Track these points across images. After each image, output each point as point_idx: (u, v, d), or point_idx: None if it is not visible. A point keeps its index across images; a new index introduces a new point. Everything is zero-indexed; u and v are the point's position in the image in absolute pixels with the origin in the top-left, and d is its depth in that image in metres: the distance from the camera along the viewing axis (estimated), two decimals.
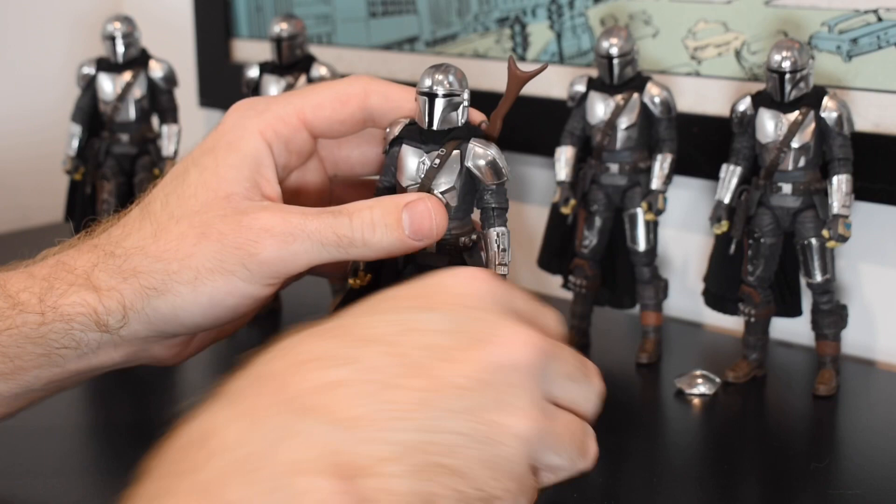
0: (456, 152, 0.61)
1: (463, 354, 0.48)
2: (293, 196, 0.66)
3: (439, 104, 0.61)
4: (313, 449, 0.44)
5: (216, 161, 0.62)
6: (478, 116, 0.63)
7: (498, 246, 0.62)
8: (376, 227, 0.59)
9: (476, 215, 0.64)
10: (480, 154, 0.61)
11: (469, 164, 0.61)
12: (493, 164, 0.61)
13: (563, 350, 0.52)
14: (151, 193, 0.64)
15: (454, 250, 0.62)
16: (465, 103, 0.62)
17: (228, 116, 0.65)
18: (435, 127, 0.61)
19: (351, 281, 0.64)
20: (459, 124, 0.61)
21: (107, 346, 0.62)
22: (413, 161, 0.62)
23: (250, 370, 0.47)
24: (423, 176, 0.61)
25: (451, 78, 0.61)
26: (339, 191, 0.70)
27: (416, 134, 0.62)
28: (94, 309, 0.61)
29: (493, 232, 0.62)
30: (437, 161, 0.61)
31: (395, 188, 0.63)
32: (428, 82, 0.61)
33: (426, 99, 0.61)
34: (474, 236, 0.63)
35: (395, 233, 0.60)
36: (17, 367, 0.61)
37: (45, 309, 0.61)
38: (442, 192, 0.61)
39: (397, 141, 0.62)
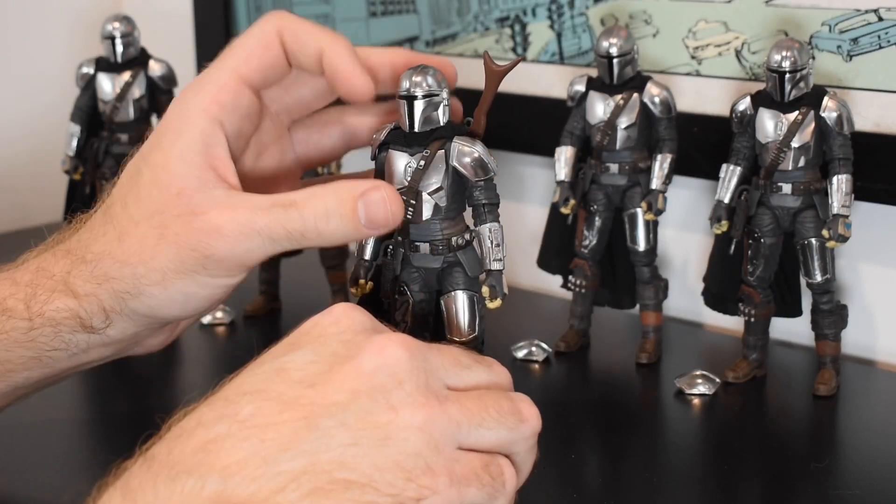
0: (440, 152, 0.61)
1: (332, 375, 0.49)
2: (255, 163, 0.65)
3: (419, 106, 0.61)
4: (196, 500, 0.45)
5: (164, 156, 0.61)
6: (458, 108, 0.63)
7: (491, 241, 0.62)
8: (330, 217, 0.58)
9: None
10: (465, 152, 0.61)
11: (454, 162, 0.61)
12: (478, 161, 0.61)
13: (440, 346, 0.53)
14: (111, 196, 0.63)
15: (448, 251, 0.62)
16: (445, 102, 0.62)
17: (170, 105, 0.63)
18: (416, 129, 0.61)
19: (353, 290, 0.64)
20: (442, 124, 0.62)
21: (96, 344, 0.63)
22: (400, 164, 0.62)
23: (143, 454, 0.48)
24: (409, 178, 0.61)
25: (429, 79, 0.61)
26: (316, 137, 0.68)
27: (401, 137, 0.62)
28: (77, 314, 0.61)
29: (486, 228, 0.62)
30: (423, 162, 0.61)
31: None
32: (406, 85, 0.61)
33: (405, 102, 0.61)
34: (467, 235, 0.62)
35: (350, 224, 0.58)
36: (6, 371, 0.62)
37: (33, 315, 0.61)
38: (430, 193, 0.61)
39: (384, 146, 0.62)
